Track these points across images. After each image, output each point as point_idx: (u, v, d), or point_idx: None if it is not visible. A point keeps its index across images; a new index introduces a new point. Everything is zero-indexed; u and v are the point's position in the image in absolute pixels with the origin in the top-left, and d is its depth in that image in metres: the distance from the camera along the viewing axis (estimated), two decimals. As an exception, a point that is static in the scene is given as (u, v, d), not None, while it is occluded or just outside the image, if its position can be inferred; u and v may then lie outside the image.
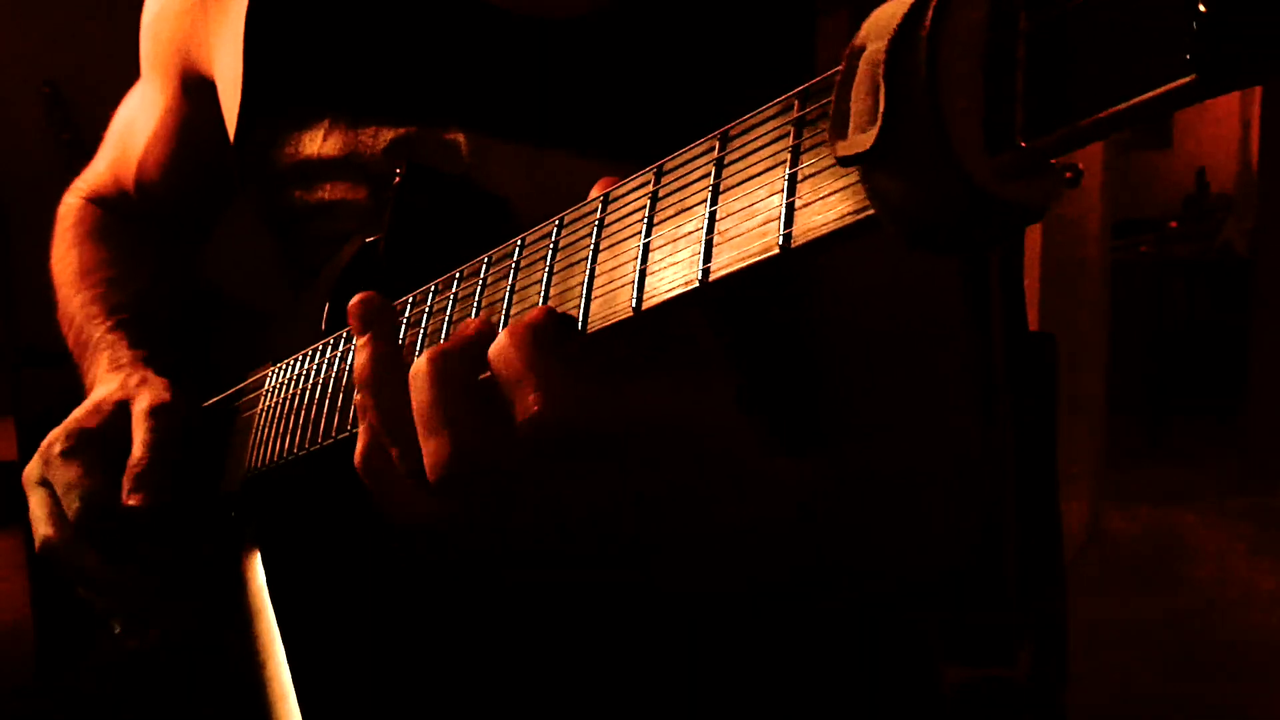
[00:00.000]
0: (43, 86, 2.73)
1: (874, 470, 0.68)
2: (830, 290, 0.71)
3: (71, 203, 1.06)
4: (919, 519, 0.69)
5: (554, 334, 0.45)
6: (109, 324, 0.91)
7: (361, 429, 0.53)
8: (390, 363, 0.51)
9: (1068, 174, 0.27)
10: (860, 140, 0.28)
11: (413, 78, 0.77)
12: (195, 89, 0.91)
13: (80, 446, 0.77)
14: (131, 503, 0.74)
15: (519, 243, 0.52)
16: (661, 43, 0.73)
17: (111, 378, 0.84)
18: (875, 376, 0.71)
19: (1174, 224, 6.05)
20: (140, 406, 0.78)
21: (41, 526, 0.77)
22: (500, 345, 0.45)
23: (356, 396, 0.52)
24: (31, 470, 0.79)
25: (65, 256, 1.01)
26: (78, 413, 0.80)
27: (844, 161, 0.30)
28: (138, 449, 0.76)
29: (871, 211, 0.30)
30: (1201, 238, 5.91)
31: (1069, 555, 2.81)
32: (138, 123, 0.99)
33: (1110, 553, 3.68)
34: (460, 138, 0.74)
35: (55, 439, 0.78)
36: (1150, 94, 0.23)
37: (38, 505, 0.78)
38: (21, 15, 2.76)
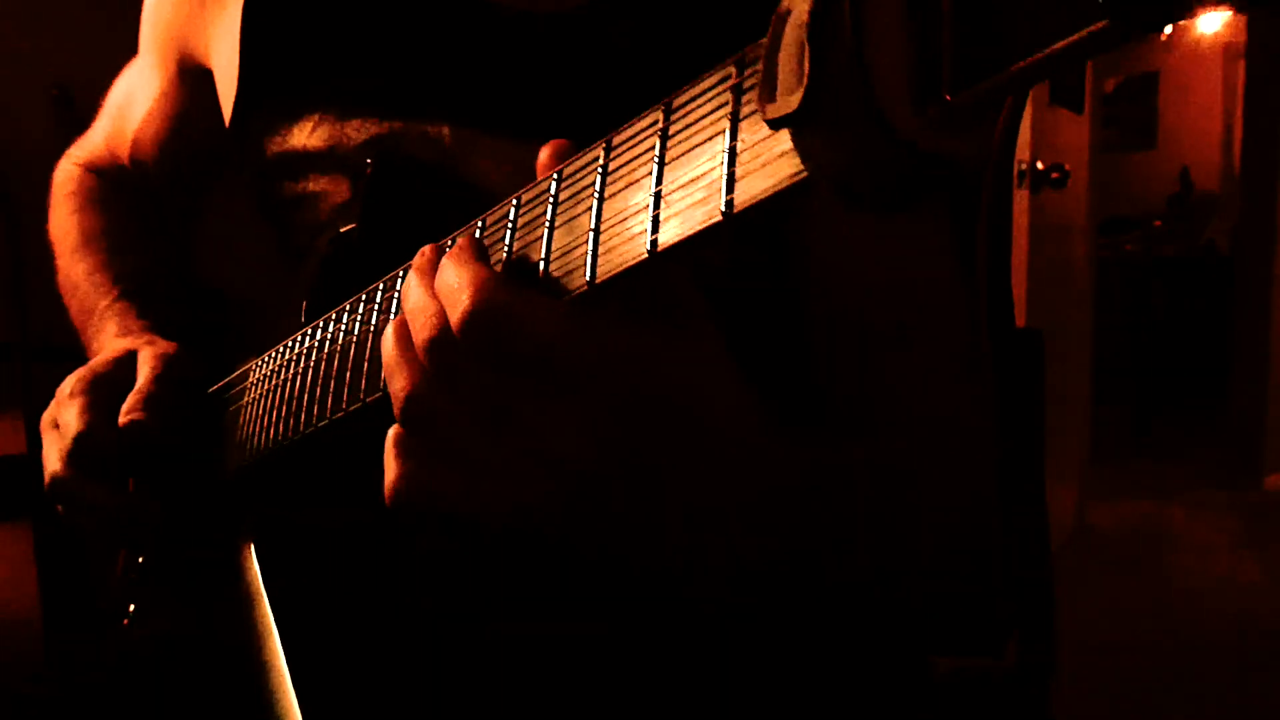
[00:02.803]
0: (51, 89, 2.73)
1: (876, 462, 0.66)
2: (826, 282, 0.70)
3: (69, 169, 1.07)
4: (915, 511, 0.67)
5: (482, 248, 0.45)
6: (115, 292, 0.92)
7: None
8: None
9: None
10: (788, 102, 0.28)
11: (398, 71, 0.77)
12: (192, 76, 0.92)
13: (87, 388, 0.78)
14: (128, 419, 0.74)
15: (479, 224, 0.51)
16: (646, 37, 0.72)
17: (121, 340, 0.85)
18: (872, 368, 0.70)
19: (1158, 223, 6.05)
20: (148, 350, 0.80)
21: (50, 464, 0.77)
22: (440, 268, 0.45)
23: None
24: (47, 415, 0.80)
25: (66, 222, 1.01)
26: (91, 362, 0.81)
27: (773, 124, 0.29)
28: (140, 380, 0.77)
29: (806, 174, 0.30)
30: (1185, 236, 5.92)
31: (1055, 547, 2.81)
32: (134, 100, 1.00)
33: (1096, 545, 3.68)
34: (445, 130, 0.74)
35: (67, 383, 0.79)
36: (1066, 41, 0.22)
37: (49, 445, 0.78)
38: (30, 19, 2.76)
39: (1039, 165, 3.02)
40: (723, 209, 0.34)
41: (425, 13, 0.76)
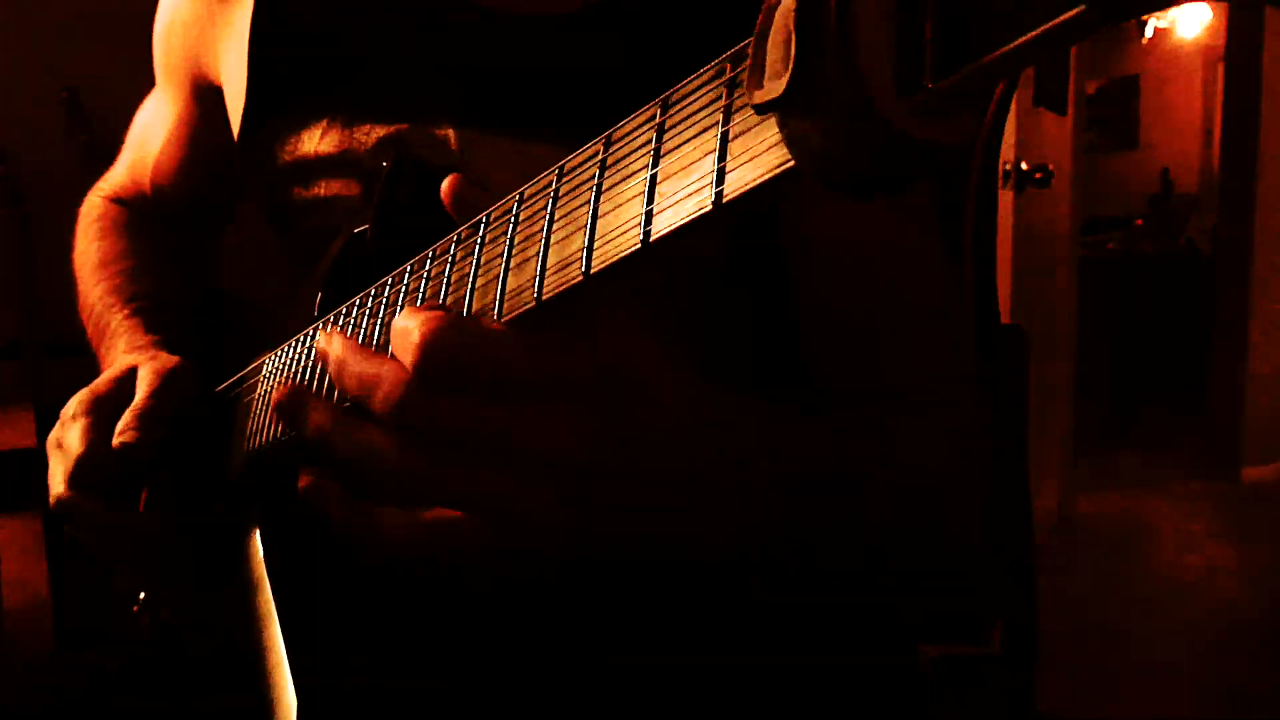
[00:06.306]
0: (61, 92, 2.73)
1: (865, 431, 0.66)
2: (818, 264, 0.70)
3: (94, 201, 1.08)
4: (903, 487, 0.66)
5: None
6: (126, 311, 0.91)
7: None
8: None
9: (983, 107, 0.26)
10: (774, 87, 0.28)
11: (403, 76, 0.77)
12: (205, 96, 0.92)
13: (88, 409, 0.77)
14: (123, 439, 0.73)
15: (483, 219, 0.52)
16: (647, 38, 0.72)
17: (127, 357, 0.84)
18: (862, 347, 0.71)
19: (1140, 222, 6.07)
20: (148, 367, 0.79)
21: (54, 486, 0.76)
22: (393, 323, 0.46)
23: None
24: (52, 436, 0.79)
25: (87, 250, 1.02)
26: (93, 383, 0.80)
27: (760, 109, 0.29)
28: (138, 397, 0.76)
29: (793, 162, 0.30)
30: (1166, 235, 5.94)
31: (1039, 539, 2.81)
32: (153, 128, 1.00)
33: (1079, 536, 3.69)
34: (450, 133, 0.74)
35: (70, 405, 0.78)
36: (1045, 27, 0.22)
37: (53, 466, 0.77)
38: (42, 25, 2.76)
39: (1023, 166, 3.02)
40: (713, 199, 0.34)
41: (423, 16, 0.77)
